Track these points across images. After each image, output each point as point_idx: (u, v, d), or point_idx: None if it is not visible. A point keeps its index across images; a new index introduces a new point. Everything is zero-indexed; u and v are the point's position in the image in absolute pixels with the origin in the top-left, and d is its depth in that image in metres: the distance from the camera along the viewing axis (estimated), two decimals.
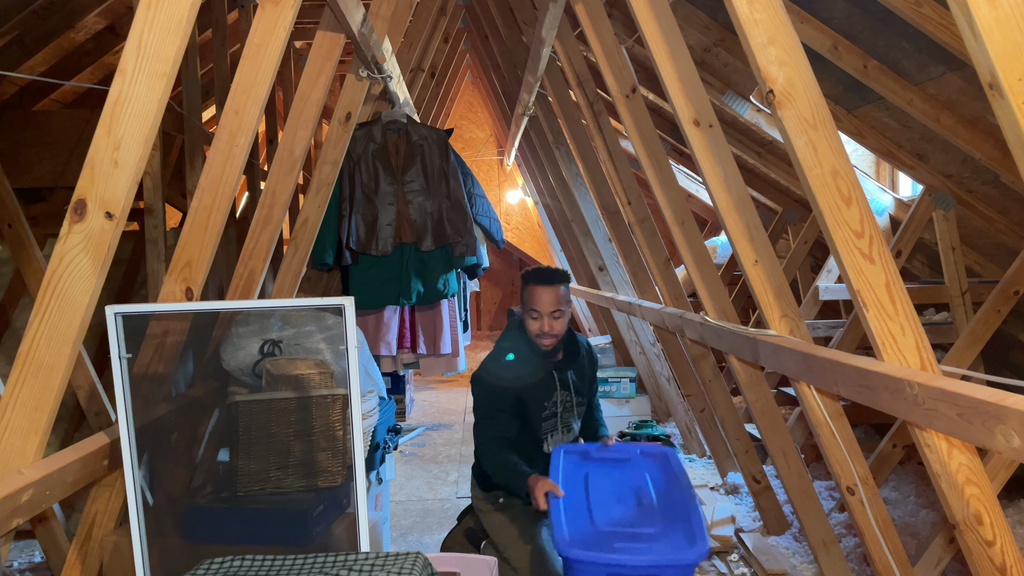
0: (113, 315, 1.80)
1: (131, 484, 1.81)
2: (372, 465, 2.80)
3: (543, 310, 2.33)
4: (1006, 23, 1.11)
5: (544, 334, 2.35)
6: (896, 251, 3.62)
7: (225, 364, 2.33)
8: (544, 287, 2.35)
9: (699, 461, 4.54)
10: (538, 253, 9.74)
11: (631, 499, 2.10)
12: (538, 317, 2.34)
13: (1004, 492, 2.94)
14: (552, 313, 2.34)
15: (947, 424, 1.37)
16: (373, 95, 3.61)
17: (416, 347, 4.31)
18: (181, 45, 1.57)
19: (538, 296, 2.34)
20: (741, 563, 3.02)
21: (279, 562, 1.64)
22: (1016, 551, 1.53)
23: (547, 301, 2.33)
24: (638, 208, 3.79)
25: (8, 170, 3.31)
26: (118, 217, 1.56)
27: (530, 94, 4.80)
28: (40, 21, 3.87)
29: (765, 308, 2.30)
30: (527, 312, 2.37)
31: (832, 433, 2.14)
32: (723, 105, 3.85)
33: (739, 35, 1.70)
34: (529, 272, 2.42)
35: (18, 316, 4.25)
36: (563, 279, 2.39)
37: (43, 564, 3.14)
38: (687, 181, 6.40)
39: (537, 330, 2.35)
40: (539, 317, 2.34)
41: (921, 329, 1.61)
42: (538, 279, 2.36)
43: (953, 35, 2.16)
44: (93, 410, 3.15)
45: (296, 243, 2.91)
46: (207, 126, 5.25)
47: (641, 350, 5.21)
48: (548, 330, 2.34)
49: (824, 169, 1.65)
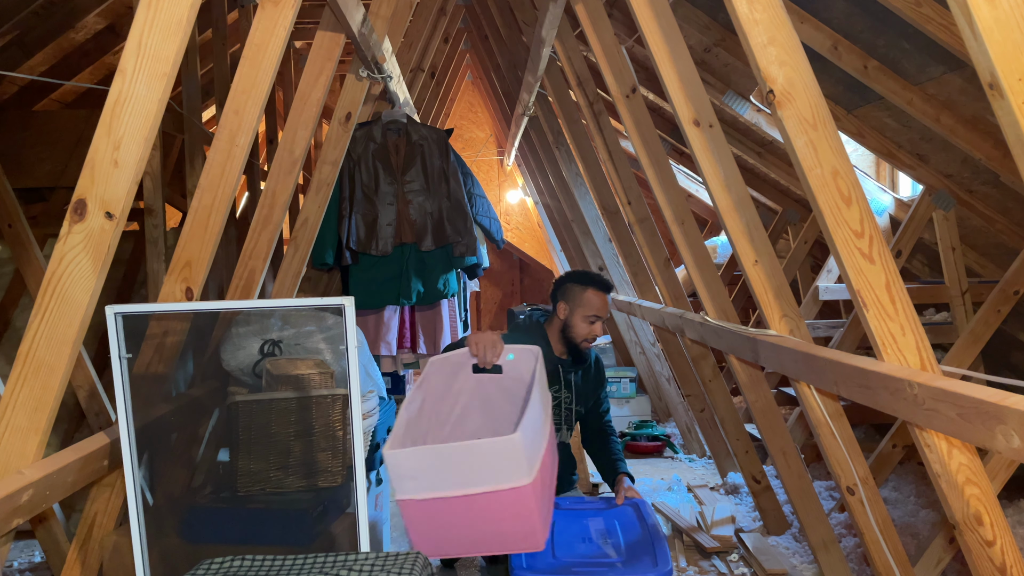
0: (113, 315, 1.80)
1: (131, 484, 1.81)
2: (372, 465, 2.79)
3: (604, 315, 2.43)
4: (1006, 23, 1.11)
5: (593, 337, 2.44)
6: (896, 251, 3.62)
7: (225, 364, 2.33)
8: (604, 294, 2.44)
9: (699, 461, 4.54)
10: (538, 253, 9.73)
11: (596, 540, 2.11)
12: (595, 321, 2.42)
13: (1004, 492, 2.93)
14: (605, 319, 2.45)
15: (947, 424, 1.37)
16: (373, 95, 3.61)
17: (416, 347, 4.31)
18: (181, 45, 1.57)
19: (601, 303, 2.43)
20: (741, 563, 3.02)
21: (279, 562, 1.64)
22: (1016, 551, 1.53)
23: (606, 308, 2.44)
24: (638, 208, 3.79)
25: (8, 170, 3.30)
26: (118, 217, 1.56)
27: (530, 94, 4.80)
28: (40, 21, 3.87)
29: (765, 308, 2.30)
30: (583, 317, 2.42)
31: (832, 433, 2.14)
32: (723, 105, 3.85)
33: (739, 35, 1.70)
34: (588, 275, 2.49)
35: (18, 316, 4.24)
36: (613, 288, 2.55)
37: (43, 564, 3.14)
38: (687, 181, 6.40)
39: (588, 333, 2.43)
40: (596, 321, 2.42)
41: (921, 329, 1.61)
42: (601, 285, 2.45)
43: (953, 35, 2.16)
44: (93, 410, 3.15)
45: (296, 243, 2.90)
46: (207, 126, 5.25)
47: (641, 350, 5.21)
48: (600, 333, 2.45)
49: (824, 169, 1.65)
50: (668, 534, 3.31)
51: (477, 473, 1.64)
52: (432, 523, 1.71)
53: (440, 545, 1.76)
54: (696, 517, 3.41)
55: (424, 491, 1.66)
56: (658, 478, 4.12)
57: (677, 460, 4.59)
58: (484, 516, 1.71)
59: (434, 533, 1.73)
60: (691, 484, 4.00)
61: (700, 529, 3.27)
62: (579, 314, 2.42)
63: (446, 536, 1.74)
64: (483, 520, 1.72)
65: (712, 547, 3.08)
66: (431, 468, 1.65)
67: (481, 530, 1.73)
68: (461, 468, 1.64)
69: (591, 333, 2.43)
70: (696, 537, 3.16)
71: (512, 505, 1.67)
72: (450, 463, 1.64)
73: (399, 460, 1.64)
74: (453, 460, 1.64)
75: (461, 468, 1.64)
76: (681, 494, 3.86)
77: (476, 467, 1.65)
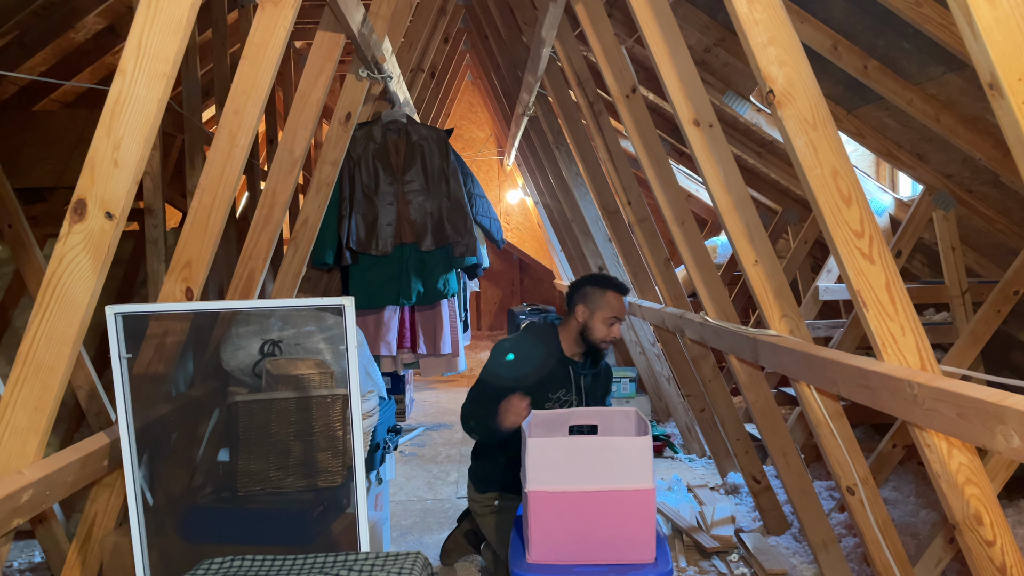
0: (113, 315, 1.80)
1: (131, 484, 1.81)
2: (372, 465, 2.80)
3: (622, 317, 2.50)
4: (1006, 23, 1.11)
5: (613, 338, 2.51)
6: (896, 251, 3.62)
7: (225, 364, 2.33)
8: (622, 296, 2.52)
9: (699, 461, 4.54)
10: (538, 253, 9.74)
11: None
12: (615, 323, 2.49)
13: (1004, 492, 2.94)
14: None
15: (947, 424, 1.37)
16: (373, 95, 3.61)
17: (416, 347, 4.31)
18: (181, 45, 1.57)
19: (619, 304, 2.50)
20: (741, 563, 3.02)
21: (279, 562, 1.64)
22: (1016, 551, 1.53)
23: (624, 309, 2.52)
24: (638, 208, 3.79)
25: (8, 170, 3.30)
26: (118, 217, 1.56)
27: (530, 94, 4.80)
28: (40, 21, 3.87)
29: (765, 308, 2.30)
30: (603, 317, 2.48)
31: (832, 433, 2.14)
32: (723, 105, 3.85)
33: (739, 35, 1.70)
34: (609, 279, 2.56)
35: (18, 316, 4.24)
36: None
37: (43, 564, 3.14)
38: (687, 181, 6.40)
39: (607, 335, 2.49)
40: (615, 323, 2.49)
41: (921, 329, 1.61)
42: (619, 288, 2.53)
43: (953, 35, 2.16)
44: (93, 410, 3.15)
45: (296, 243, 2.91)
46: (207, 126, 5.25)
47: (641, 350, 5.21)
48: (618, 335, 2.52)
49: (824, 169, 1.65)
50: (668, 534, 3.31)
51: (609, 471, 1.86)
52: (558, 520, 1.85)
53: (559, 548, 1.87)
54: (696, 517, 3.41)
55: (560, 483, 1.84)
56: (658, 478, 4.12)
57: (677, 460, 4.59)
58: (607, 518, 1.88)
59: (557, 533, 1.86)
60: (691, 484, 4.00)
61: (700, 529, 3.27)
62: (599, 316, 2.49)
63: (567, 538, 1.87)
64: (605, 522, 1.88)
65: (712, 547, 3.08)
66: (570, 461, 1.85)
67: (601, 534, 1.87)
68: (595, 464, 1.85)
69: (610, 335, 2.50)
70: (696, 537, 3.16)
71: (635, 508, 1.88)
72: (586, 458, 1.85)
73: (545, 450, 1.82)
74: (589, 455, 1.85)
75: (595, 464, 1.85)
76: (681, 494, 3.86)
77: (609, 464, 1.86)
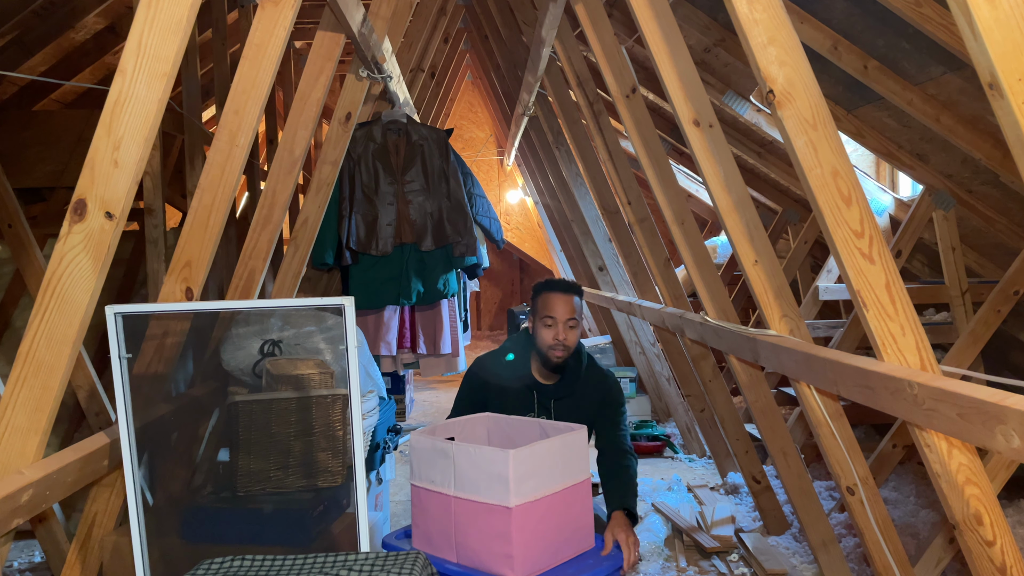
0: (113, 315, 1.80)
1: (131, 484, 1.81)
2: (372, 465, 2.80)
3: (559, 316, 2.22)
4: (1006, 23, 1.11)
5: (558, 343, 2.23)
6: (896, 251, 3.62)
7: (225, 364, 2.33)
8: (559, 294, 2.26)
9: (699, 461, 4.54)
10: (538, 253, 9.74)
11: None
12: (553, 324, 2.23)
13: (1004, 492, 2.93)
14: (567, 321, 2.23)
15: (947, 424, 1.37)
16: (373, 95, 3.61)
17: (416, 347, 4.31)
18: (181, 45, 1.57)
19: (553, 302, 2.25)
20: (741, 563, 3.02)
21: (279, 562, 1.64)
22: (1016, 551, 1.53)
23: (563, 309, 2.23)
24: (638, 208, 3.79)
25: (8, 170, 3.30)
26: (118, 217, 1.56)
27: (530, 94, 4.80)
28: (40, 21, 3.87)
29: (765, 308, 2.30)
30: (540, 320, 2.25)
31: (832, 433, 2.14)
32: (723, 105, 3.85)
33: (739, 35, 1.70)
34: (542, 282, 2.34)
35: (18, 316, 4.25)
36: (578, 291, 2.31)
37: (43, 564, 3.14)
38: (687, 181, 6.40)
39: (552, 340, 2.23)
40: (554, 324, 2.22)
41: (921, 329, 1.61)
42: (553, 287, 2.29)
43: (953, 35, 2.16)
44: (93, 410, 3.15)
45: (296, 243, 2.91)
46: (207, 126, 5.25)
47: (641, 350, 5.21)
48: (563, 339, 2.23)
49: (824, 169, 1.65)
50: (668, 534, 3.31)
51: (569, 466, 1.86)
52: (538, 527, 1.81)
53: (539, 557, 1.82)
54: (696, 517, 3.41)
55: (541, 490, 1.81)
56: (658, 478, 4.13)
57: (677, 460, 4.59)
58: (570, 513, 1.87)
59: (537, 541, 1.81)
60: (691, 484, 4.00)
61: (700, 529, 3.27)
62: (539, 322, 2.26)
63: (544, 544, 1.83)
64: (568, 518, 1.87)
65: (712, 547, 3.08)
66: (543, 465, 1.82)
67: (564, 532, 1.86)
68: (558, 463, 1.85)
69: (554, 339, 2.22)
70: (696, 537, 3.16)
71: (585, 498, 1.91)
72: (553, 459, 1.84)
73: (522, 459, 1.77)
74: (554, 456, 1.84)
75: (558, 463, 1.85)
76: (681, 494, 3.86)
77: (568, 460, 1.86)
